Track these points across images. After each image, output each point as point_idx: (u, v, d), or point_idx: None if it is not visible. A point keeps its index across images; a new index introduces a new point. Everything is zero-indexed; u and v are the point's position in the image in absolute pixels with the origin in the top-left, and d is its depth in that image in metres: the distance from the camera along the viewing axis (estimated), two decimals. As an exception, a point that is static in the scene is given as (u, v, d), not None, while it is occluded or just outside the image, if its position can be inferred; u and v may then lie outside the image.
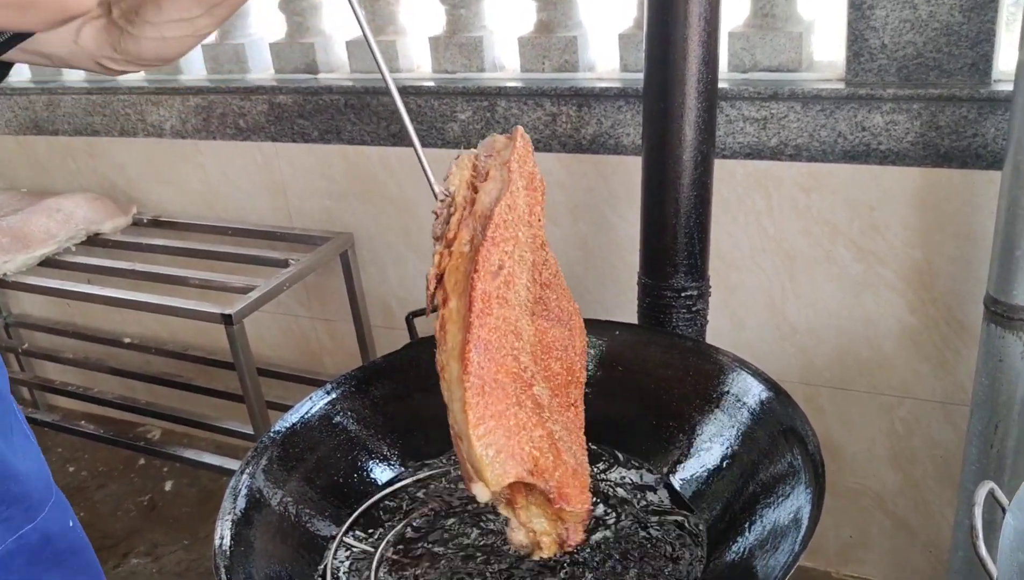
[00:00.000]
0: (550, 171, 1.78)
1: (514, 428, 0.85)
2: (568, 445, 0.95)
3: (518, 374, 0.88)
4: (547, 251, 1.04)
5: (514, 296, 0.90)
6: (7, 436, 1.08)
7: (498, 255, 0.88)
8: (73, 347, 2.63)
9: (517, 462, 0.84)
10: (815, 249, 1.61)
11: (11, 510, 1.08)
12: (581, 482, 0.94)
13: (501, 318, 0.87)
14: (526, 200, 0.95)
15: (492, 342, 0.85)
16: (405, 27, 1.95)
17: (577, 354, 1.05)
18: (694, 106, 1.29)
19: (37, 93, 2.38)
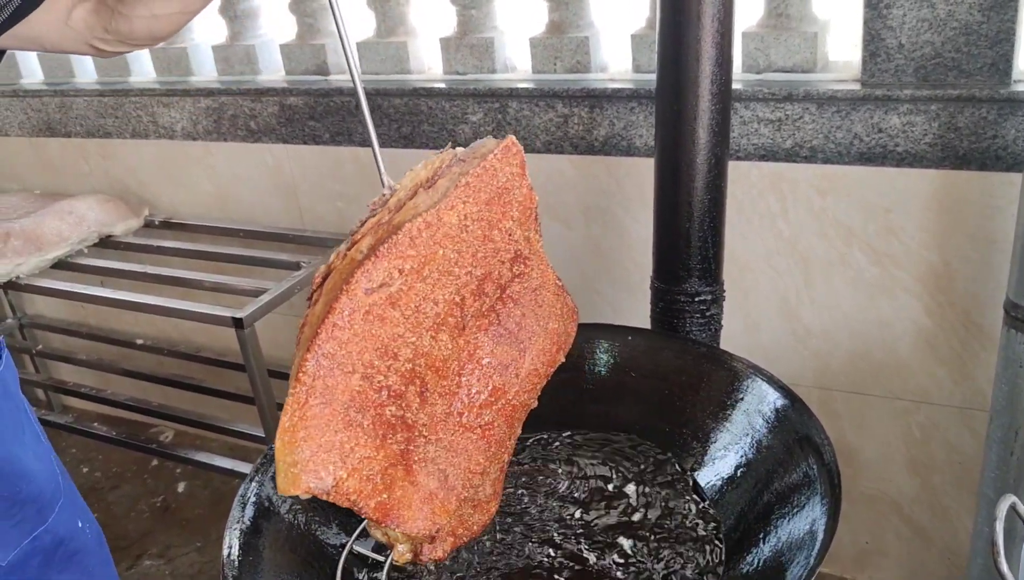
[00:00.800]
0: (562, 172, 1.76)
1: (328, 445, 0.83)
2: (438, 468, 0.94)
3: (365, 394, 0.85)
4: (528, 266, 1.02)
5: (402, 315, 0.87)
6: (19, 436, 1.08)
7: (384, 272, 0.84)
8: (87, 348, 2.63)
9: (314, 479, 0.82)
10: (830, 252, 1.59)
11: (25, 511, 1.08)
12: (436, 506, 0.93)
13: (363, 335, 0.84)
14: (478, 215, 0.92)
15: (338, 357, 0.83)
16: (416, 28, 1.93)
17: (520, 377, 1.02)
18: (707, 108, 1.27)
19: (50, 95, 2.38)
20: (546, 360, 1.06)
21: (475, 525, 1.04)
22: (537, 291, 1.04)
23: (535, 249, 1.04)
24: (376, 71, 1.95)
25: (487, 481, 1.04)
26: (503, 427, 1.02)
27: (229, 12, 2.09)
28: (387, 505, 0.89)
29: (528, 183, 1.00)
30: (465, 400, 0.98)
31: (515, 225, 0.98)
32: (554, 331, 1.07)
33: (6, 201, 2.37)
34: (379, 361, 0.86)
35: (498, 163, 0.95)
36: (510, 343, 1.01)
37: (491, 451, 1.01)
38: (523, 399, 1.04)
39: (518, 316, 1.02)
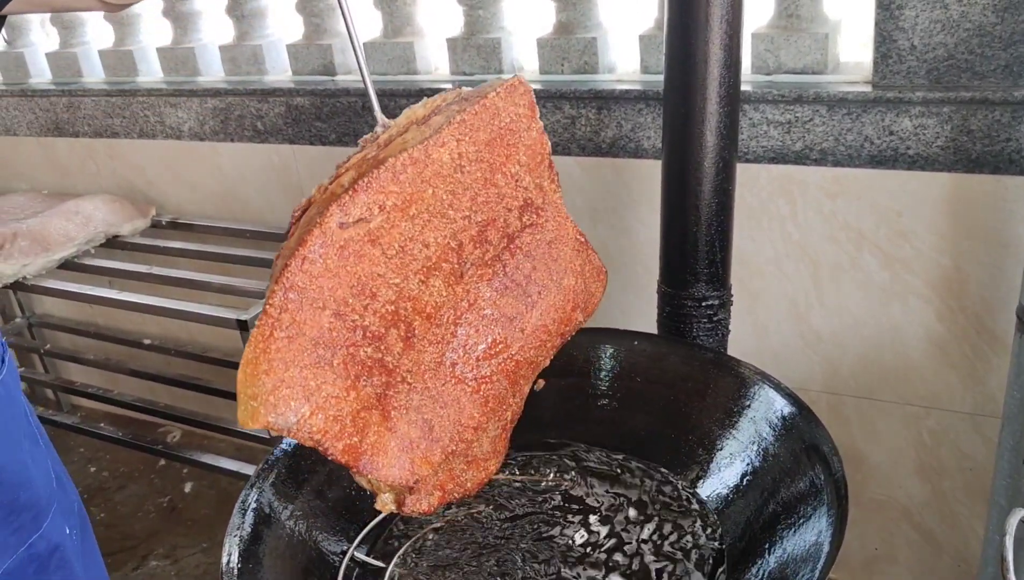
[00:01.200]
0: (569, 174, 1.75)
1: (291, 381, 0.80)
2: (422, 417, 0.90)
3: (336, 331, 0.82)
4: (541, 217, 0.97)
5: (383, 253, 0.83)
6: (19, 442, 1.08)
7: (363, 206, 0.80)
8: (95, 348, 2.63)
9: (273, 413, 0.79)
10: (840, 255, 1.57)
11: (22, 518, 1.07)
12: (416, 456, 0.90)
13: (337, 270, 0.80)
14: (475, 156, 0.87)
15: (308, 291, 0.79)
16: (423, 28, 1.92)
17: (526, 332, 0.98)
18: (715, 111, 1.25)
19: (58, 95, 2.38)
20: (558, 317, 1.01)
21: (468, 482, 1.01)
22: (552, 244, 0.99)
23: (550, 199, 0.99)
24: (383, 71, 1.94)
25: (484, 437, 1.00)
26: (503, 383, 0.98)
27: (236, 12, 2.08)
28: (358, 449, 0.85)
29: (539, 126, 0.95)
30: (460, 350, 0.93)
31: (523, 170, 0.93)
32: (570, 288, 1.03)
33: (14, 201, 2.37)
34: (354, 299, 0.83)
35: (500, 101, 0.90)
36: (516, 296, 0.96)
37: (488, 406, 0.97)
38: (528, 355, 1.00)
39: (528, 268, 0.97)
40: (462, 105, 0.89)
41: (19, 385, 1.12)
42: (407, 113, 0.91)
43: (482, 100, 0.88)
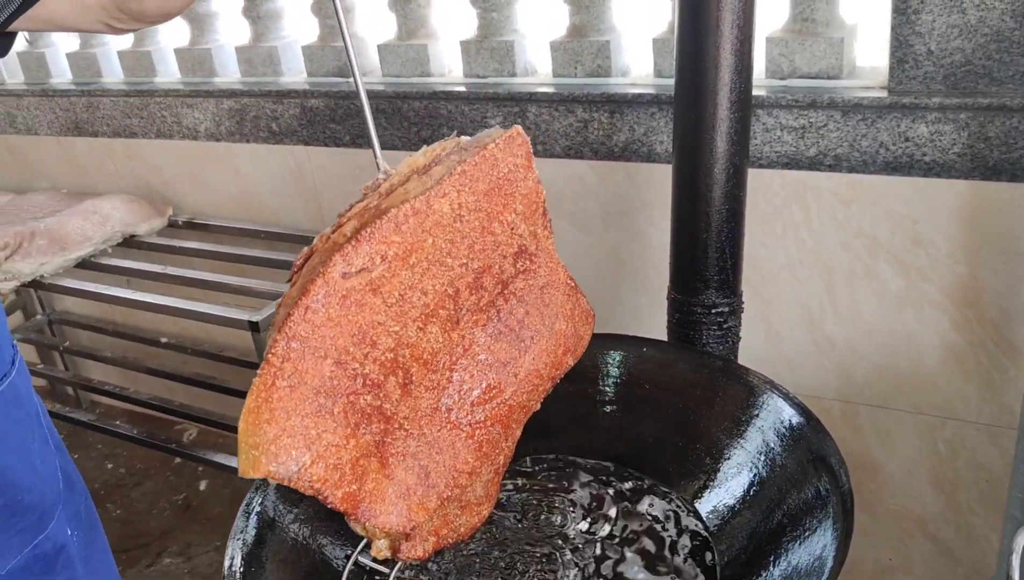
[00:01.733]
0: (581, 178, 1.74)
1: (292, 430, 0.80)
2: (419, 463, 0.91)
3: (337, 380, 0.83)
4: (534, 263, 0.98)
5: (384, 302, 0.84)
6: (27, 444, 1.08)
7: (365, 256, 0.82)
8: (113, 346, 2.65)
9: (275, 462, 0.80)
10: (855, 263, 1.55)
11: (26, 519, 1.07)
12: (412, 503, 0.90)
13: (339, 320, 0.81)
14: (474, 205, 0.89)
15: (310, 340, 0.80)
16: (437, 30, 1.92)
17: (519, 377, 0.99)
18: (726, 116, 1.24)
19: (77, 95, 2.40)
20: (550, 361, 1.03)
21: (462, 527, 1.02)
22: (544, 289, 1.00)
23: (543, 246, 1.01)
24: (397, 73, 1.94)
25: (477, 482, 1.00)
26: (497, 428, 0.99)
27: (252, 13, 2.09)
28: (356, 496, 0.86)
29: (535, 176, 0.97)
30: (455, 396, 0.94)
31: (519, 219, 0.95)
32: (561, 332, 1.04)
33: (34, 200, 2.39)
34: (355, 348, 0.83)
35: (499, 152, 0.91)
36: (510, 341, 0.98)
37: (482, 451, 0.98)
38: (521, 400, 1.01)
39: (521, 314, 0.98)
40: (461, 155, 0.90)
41: (30, 386, 1.13)
42: (408, 162, 0.92)
43: (482, 151, 0.89)
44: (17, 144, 2.62)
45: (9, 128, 2.61)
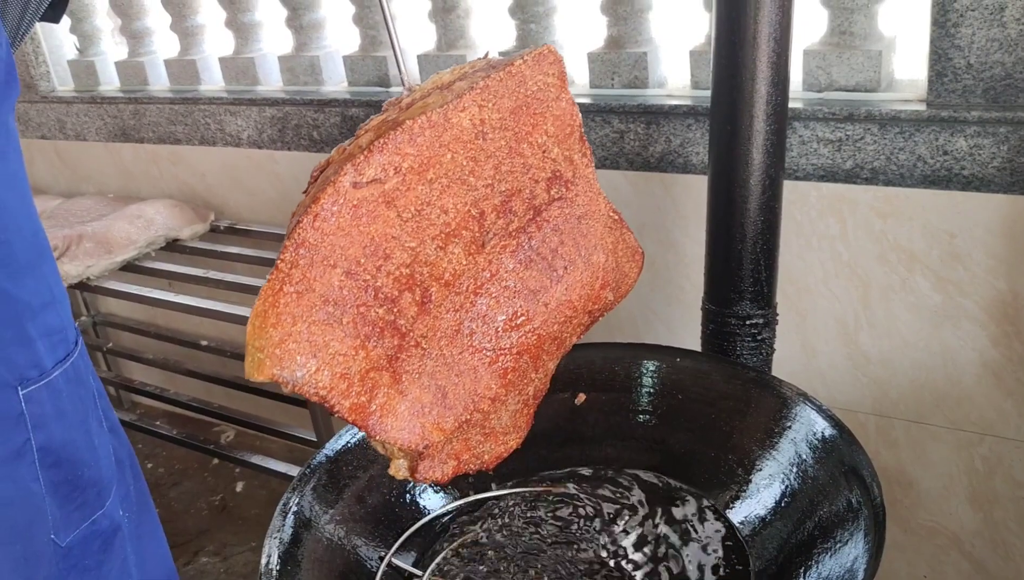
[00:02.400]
0: (617, 188, 1.75)
1: (298, 335, 0.79)
2: (435, 383, 0.90)
3: (346, 290, 0.82)
4: (571, 190, 0.95)
5: (398, 216, 0.82)
6: (85, 422, 1.12)
7: (377, 167, 0.80)
8: (154, 348, 2.71)
9: (278, 366, 0.79)
10: (891, 276, 1.55)
11: (85, 494, 1.12)
12: (427, 422, 0.89)
13: (349, 229, 0.80)
14: (499, 123, 0.86)
15: (319, 248, 0.79)
16: (476, 41, 1.94)
17: (550, 307, 0.96)
18: (762, 129, 1.24)
19: (125, 102, 2.46)
20: (585, 294, 0.99)
21: (486, 454, 1.00)
22: (582, 219, 0.97)
23: (581, 173, 0.98)
24: (436, 84, 1.96)
25: (503, 410, 0.99)
26: (525, 357, 0.97)
27: (295, 24, 2.13)
28: (366, 408, 0.85)
29: (569, 96, 0.94)
30: (479, 320, 0.93)
31: (551, 141, 0.92)
32: (599, 265, 1.01)
33: (81, 204, 2.45)
34: (366, 259, 0.82)
35: (527, 69, 0.88)
36: (541, 269, 0.95)
37: (507, 379, 0.96)
38: (552, 330, 0.98)
39: (554, 242, 0.95)
40: (488, 71, 0.88)
41: (90, 367, 1.17)
42: (433, 78, 0.91)
43: (508, 67, 0.87)
44: (66, 149, 2.69)
45: (59, 134, 2.68)
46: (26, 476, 1.03)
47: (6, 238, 0.98)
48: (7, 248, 0.98)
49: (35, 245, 1.04)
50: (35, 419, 1.03)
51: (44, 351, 1.04)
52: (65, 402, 1.07)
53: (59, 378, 1.06)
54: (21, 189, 1.02)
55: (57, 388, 1.06)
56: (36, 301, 1.03)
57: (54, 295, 1.07)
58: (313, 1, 2.10)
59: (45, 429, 1.04)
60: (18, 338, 1.01)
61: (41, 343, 1.04)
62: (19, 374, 1.01)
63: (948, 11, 1.36)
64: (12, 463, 1.02)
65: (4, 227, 0.97)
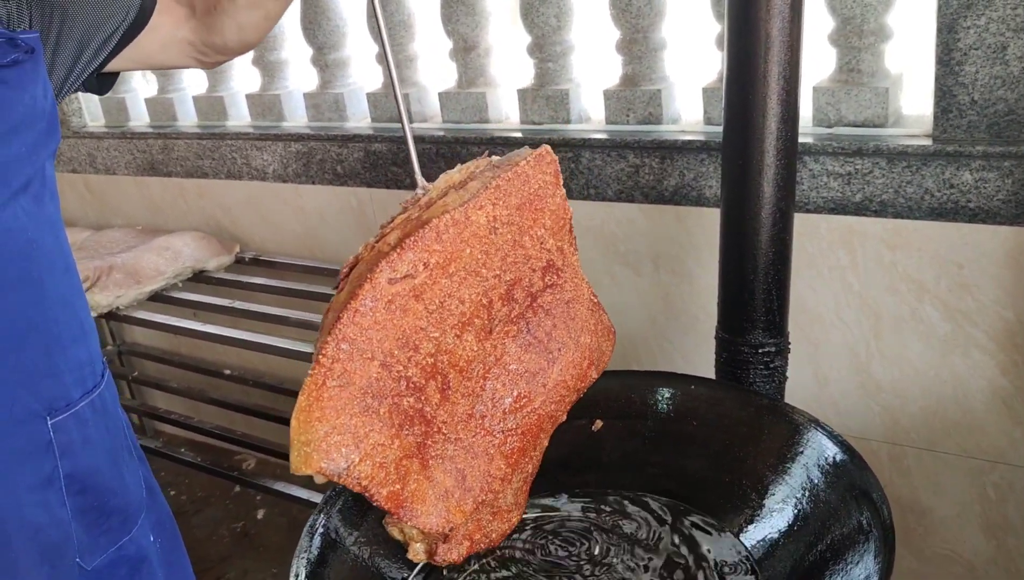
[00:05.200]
0: (632, 220, 1.80)
1: (342, 428, 0.84)
2: (456, 467, 0.95)
3: (383, 382, 0.86)
4: (561, 278, 1.03)
5: (425, 308, 0.88)
6: (112, 451, 1.16)
7: (409, 263, 0.86)
8: (178, 376, 2.76)
9: (326, 459, 0.83)
10: (901, 307, 1.58)
11: (110, 521, 1.15)
12: (451, 505, 0.93)
13: (385, 324, 0.85)
14: (507, 219, 0.93)
15: (358, 342, 0.84)
16: (495, 79, 2.01)
17: (547, 387, 1.03)
18: (772, 163, 1.29)
19: (154, 137, 2.54)
20: (576, 373, 1.07)
21: (494, 533, 1.06)
22: (570, 304, 1.06)
23: (569, 261, 1.06)
24: (457, 120, 2.02)
25: (508, 489, 1.05)
26: (528, 436, 1.03)
27: (320, 62, 2.20)
28: (400, 496, 0.90)
29: (562, 193, 1.02)
30: (489, 403, 0.99)
31: (547, 234, 1.00)
32: (586, 346, 1.09)
33: (111, 235, 2.52)
34: (399, 351, 0.88)
35: (530, 169, 0.97)
36: (539, 352, 1.03)
37: (514, 458, 1.02)
38: (549, 410, 1.05)
39: (548, 326, 1.03)
40: (495, 172, 0.96)
41: (116, 398, 1.21)
42: (444, 178, 0.99)
43: (514, 168, 0.95)
44: (96, 183, 2.77)
45: (89, 168, 2.77)
46: (54, 502, 1.07)
47: (39, 276, 1.02)
48: (39, 285, 1.02)
49: (67, 282, 1.08)
50: (62, 448, 1.06)
51: (72, 383, 1.08)
52: (91, 431, 1.11)
53: (85, 408, 1.09)
54: (55, 230, 1.06)
55: (84, 418, 1.09)
56: (66, 335, 1.07)
57: (84, 329, 1.11)
58: (338, 40, 2.17)
59: (72, 457, 1.08)
60: (48, 370, 1.04)
61: (70, 375, 1.07)
62: (48, 404, 1.04)
63: (952, 49, 1.41)
64: (41, 490, 1.06)
65: (38, 265, 1.02)
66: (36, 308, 1.02)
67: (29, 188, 1.00)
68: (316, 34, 2.15)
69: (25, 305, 1.01)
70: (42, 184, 1.03)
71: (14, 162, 0.98)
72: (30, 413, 1.03)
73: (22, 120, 0.99)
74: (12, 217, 0.98)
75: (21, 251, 1.00)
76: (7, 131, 0.97)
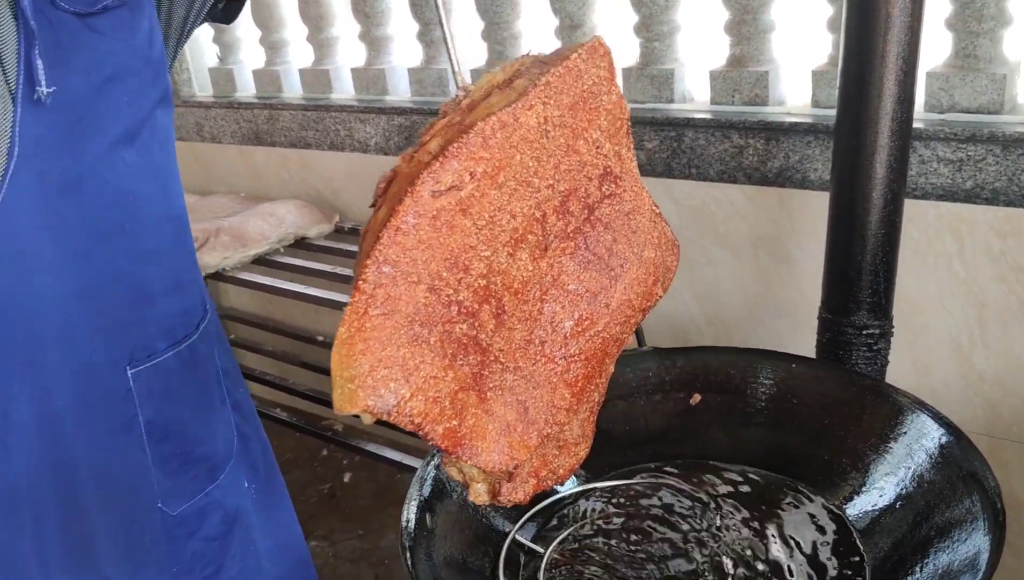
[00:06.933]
0: (733, 201, 1.80)
1: (389, 361, 0.74)
2: (517, 398, 0.86)
3: (432, 307, 0.77)
4: (619, 186, 0.93)
5: (474, 224, 0.78)
6: (200, 401, 1.18)
7: (454, 173, 0.76)
8: (272, 340, 2.86)
9: (373, 395, 0.74)
10: (1008, 297, 1.56)
11: (196, 468, 1.17)
12: (514, 440, 0.86)
13: (430, 242, 0.76)
14: (560, 120, 0.83)
15: (401, 264, 0.74)
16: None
17: (611, 307, 0.93)
18: (887, 144, 1.29)
19: (260, 108, 2.62)
20: (641, 292, 0.98)
21: (560, 468, 0.99)
22: (630, 215, 0.95)
23: (627, 168, 0.96)
24: (559, 97, 2.05)
25: (575, 420, 0.97)
26: (592, 363, 0.94)
27: (425, 38, 2.25)
28: (457, 433, 0.81)
29: (618, 90, 0.92)
30: (548, 328, 0.89)
31: (603, 137, 0.90)
32: (650, 260, 0.99)
33: (216, 201, 2.63)
34: (448, 273, 0.78)
35: (583, 64, 0.86)
36: (599, 269, 0.93)
37: (579, 386, 0.93)
38: (614, 332, 0.96)
39: (608, 241, 0.93)
40: (542, 68, 0.85)
41: (213, 349, 1.21)
42: (487, 77, 0.88)
43: (564, 62, 0.84)
44: (202, 151, 2.88)
45: (196, 136, 2.87)
46: (133, 448, 1.08)
47: (135, 227, 1.02)
48: (133, 237, 1.02)
49: (166, 232, 1.07)
50: (142, 396, 1.07)
51: (157, 334, 1.08)
52: (176, 382, 1.11)
53: (171, 359, 1.10)
54: (163, 179, 1.05)
55: (168, 369, 1.10)
56: (157, 286, 1.07)
57: (180, 281, 1.11)
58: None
59: (153, 405, 1.08)
60: (132, 320, 1.05)
61: (155, 326, 1.08)
62: (128, 354, 1.05)
63: (1078, 36, 1.38)
64: (119, 435, 1.07)
65: (134, 217, 1.01)
66: (125, 258, 1.02)
67: (136, 138, 0.99)
68: (422, 10, 2.20)
69: (114, 255, 1.01)
70: (151, 133, 1.02)
71: (112, 112, 0.97)
72: (109, 361, 1.03)
73: (121, 69, 0.97)
74: (109, 167, 0.97)
75: (117, 202, 0.99)
76: (103, 81, 0.95)
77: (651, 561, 1.16)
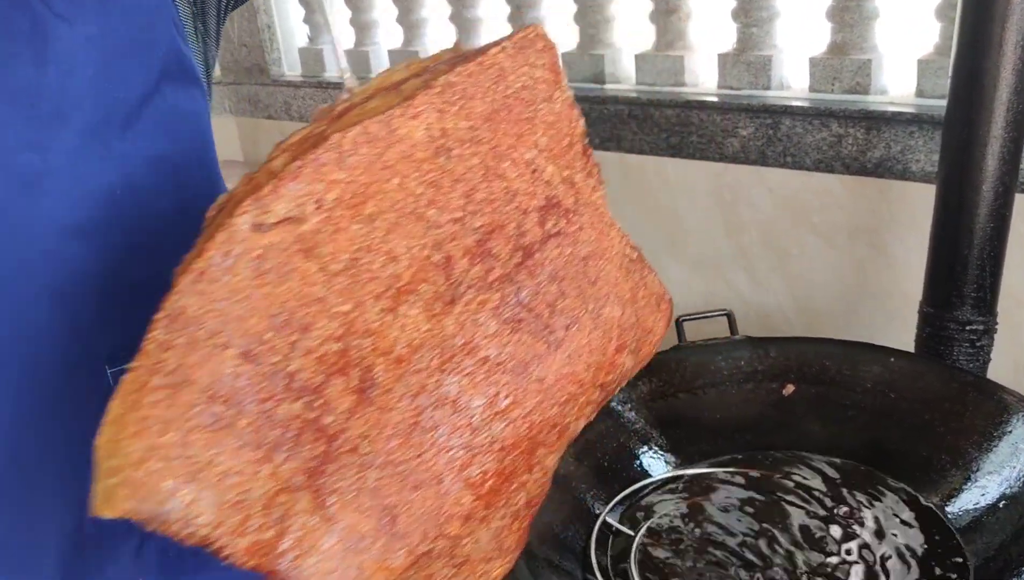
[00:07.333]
0: (830, 191, 1.77)
1: (169, 449, 0.56)
2: (380, 503, 0.64)
3: (246, 380, 0.58)
4: (572, 223, 0.72)
5: (321, 268, 0.60)
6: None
7: (291, 201, 0.58)
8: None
9: (137, 498, 0.55)
10: (1122, 297, 1.50)
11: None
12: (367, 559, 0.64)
13: (251, 293, 0.57)
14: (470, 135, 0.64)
15: (204, 321, 0.57)
16: (694, 43, 2.01)
17: (546, 383, 0.70)
18: (1000, 135, 1.25)
19: (349, 89, 2.66)
20: (594, 362, 0.74)
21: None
22: (588, 261, 0.73)
23: (586, 200, 0.74)
24: (652, 82, 2.04)
25: (481, 531, 0.72)
26: (512, 454, 0.69)
27: (517, 21, 2.25)
28: (271, 548, 0.60)
29: (566, 96, 0.71)
30: (448, 408, 0.66)
31: (543, 158, 0.69)
32: (612, 321, 0.75)
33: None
34: (275, 334, 0.58)
35: (507, 60, 0.65)
36: (534, 332, 0.70)
37: (486, 487, 0.69)
38: (551, 415, 0.71)
39: (552, 294, 0.70)
40: (453, 64, 0.65)
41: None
42: (382, 74, 0.69)
43: (480, 57, 0.65)
44: (290, 130, 2.92)
45: (284, 115, 2.93)
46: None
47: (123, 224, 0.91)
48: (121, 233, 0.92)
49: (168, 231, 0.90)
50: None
51: (142, 333, 1.02)
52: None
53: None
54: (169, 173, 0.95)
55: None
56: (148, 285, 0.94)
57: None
58: (535, 0, 2.22)
59: None
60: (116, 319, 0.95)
61: (140, 325, 0.95)
62: (108, 353, 0.97)
63: None
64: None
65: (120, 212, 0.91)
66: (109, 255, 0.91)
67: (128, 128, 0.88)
68: (516, -7, 2.21)
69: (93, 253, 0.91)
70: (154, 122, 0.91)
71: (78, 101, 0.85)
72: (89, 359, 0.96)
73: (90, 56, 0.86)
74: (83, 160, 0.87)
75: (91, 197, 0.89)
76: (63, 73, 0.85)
77: (739, 554, 1.16)
